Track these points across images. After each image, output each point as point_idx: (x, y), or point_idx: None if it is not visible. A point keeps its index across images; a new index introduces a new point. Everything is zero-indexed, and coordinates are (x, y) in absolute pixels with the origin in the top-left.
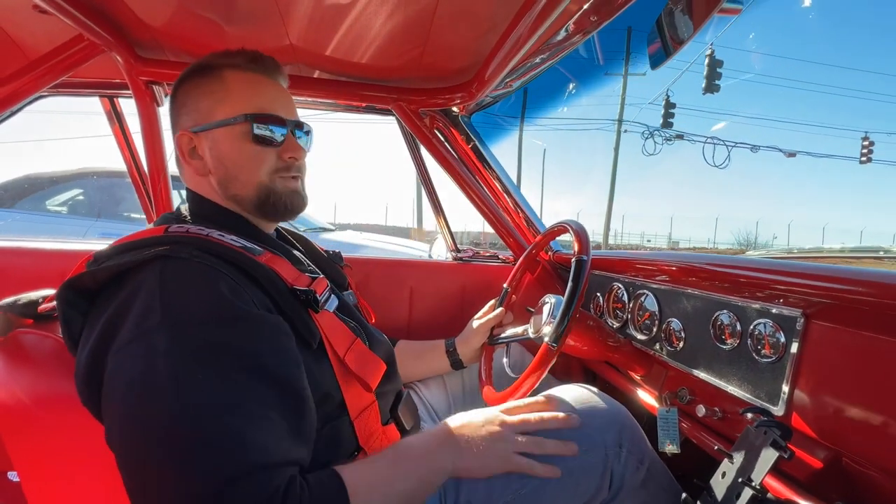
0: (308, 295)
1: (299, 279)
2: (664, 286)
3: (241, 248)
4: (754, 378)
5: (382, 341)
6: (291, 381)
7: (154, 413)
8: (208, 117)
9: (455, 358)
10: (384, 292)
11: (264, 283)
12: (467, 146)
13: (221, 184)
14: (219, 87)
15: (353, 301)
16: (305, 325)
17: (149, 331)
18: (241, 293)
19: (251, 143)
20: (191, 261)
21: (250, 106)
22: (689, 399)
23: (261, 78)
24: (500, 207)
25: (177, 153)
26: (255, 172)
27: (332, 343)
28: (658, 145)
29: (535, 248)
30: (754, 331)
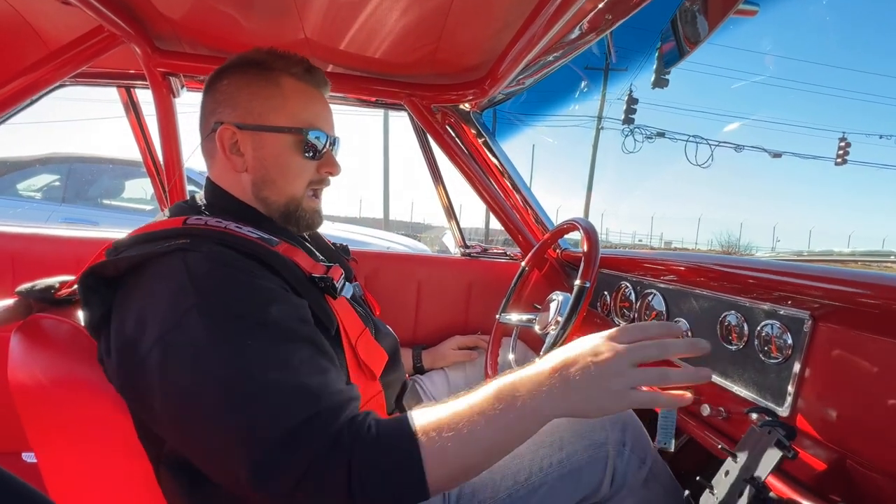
0: (326, 282)
1: (316, 267)
2: (672, 286)
3: (258, 238)
4: (760, 379)
5: (388, 333)
6: (322, 342)
7: (212, 380)
8: (260, 119)
9: (418, 364)
10: (393, 286)
11: (283, 272)
12: (478, 142)
13: (256, 184)
14: (276, 92)
15: (359, 293)
16: (325, 311)
17: (187, 311)
18: (263, 278)
19: (298, 155)
20: (210, 254)
21: (304, 119)
22: (693, 398)
23: (314, 91)
24: (509, 204)
25: (211, 144)
26: (293, 182)
27: (347, 329)
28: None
29: (544, 246)
30: (761, 332)
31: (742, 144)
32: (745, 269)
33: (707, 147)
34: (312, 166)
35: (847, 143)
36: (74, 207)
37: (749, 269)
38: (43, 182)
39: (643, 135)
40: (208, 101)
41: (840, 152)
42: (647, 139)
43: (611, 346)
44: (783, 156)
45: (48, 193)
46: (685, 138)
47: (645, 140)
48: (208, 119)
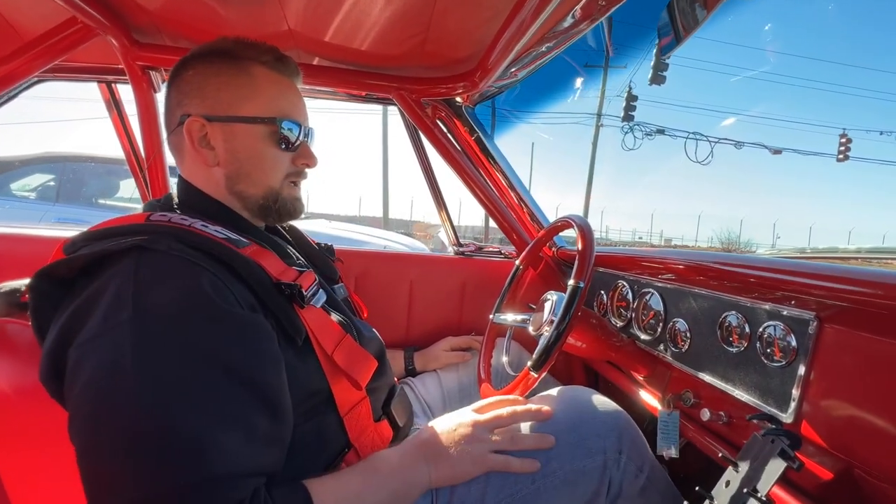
0: (293, 289)
1: (286, 273)
2: (670, 285)
3: (225, 239)
4: (763, 383)
5: (373, 337)
6: (266, 383)
7: (116, 410)
8: (231, 109)
9: (410, 366)
10: (384, 286)
11: (247, 277)
12: (471, 137)
13: (229, 178)
14: (246, 81)
15: (343, 295)
16: (290, 320)
17: (117, 325)
18: (221, 289)
19: (272, 146)
20: (169, 253)
21: (277, 108)
22: (693, 402)
23: (286, 80)
24: (503, 201)
25: (179, 138)
26: (269, 175)
27: (320, 339)
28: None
29: (538, 244)
30: (763, 333)
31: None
32: (746, 268)
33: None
34: (287, 158)
35: (848, 139)
36: (68, 207)
37: (750, 267)
38: (38, 182)
39: (643, 132)
40: (173, 93)
41: (841, 148)
42: (646, 136)
43: (470, 418)
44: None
45: (42, 193)
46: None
47: (644, 137)
48: (174, 112)
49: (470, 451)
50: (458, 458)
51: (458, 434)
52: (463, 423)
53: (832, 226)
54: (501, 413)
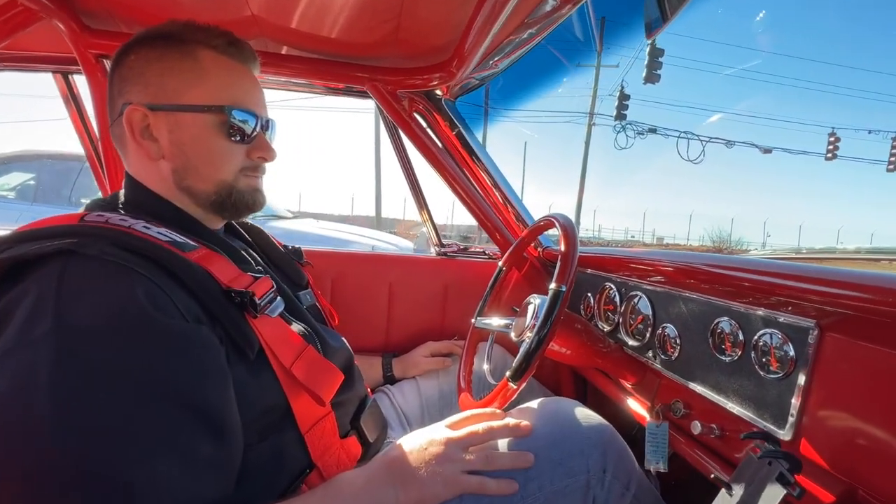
0: (245, 297)
1: (238, 279)
2: (659, 288)
3: (169, 242)
4: (758, 395)
5: (340, 347)
6: (208, 402)
7: (25, 439)
8: (175, 97)
9: (388, 373)
10: (362, 288)
11: (192, 285)
12: (451, 133)
13: (176, 173)
14: (192, 66)
15: (310, 302)
16: (241, 332)
17: (34, 339)
18: (160, 298)
19: (222, 137)
20: (100, 258)
21: (227, 96)
22: (683, 413)
23: (239, 66)
24: (486, 200)
25: (120, 129)
26: (219, 168)
27: (276, 352)
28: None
29: (522, 244)
30: (759, 342)
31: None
32: (740, 271)
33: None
34: (241, 150)
35: (837, 137)
36: (47, 207)
37: (744, 270)
38: (17, 181)
39: (635, 131)
40: (115, 79)
41: (830, 147)
42: (638, 135)
43: (443, 435)
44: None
45: (22, 192)
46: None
47: (637, 136)
48: (115, 101)
49: (442, 471)
50: (428, 479)
51: (430, 453)
52: (435, 440)
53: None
54: (477, 429)
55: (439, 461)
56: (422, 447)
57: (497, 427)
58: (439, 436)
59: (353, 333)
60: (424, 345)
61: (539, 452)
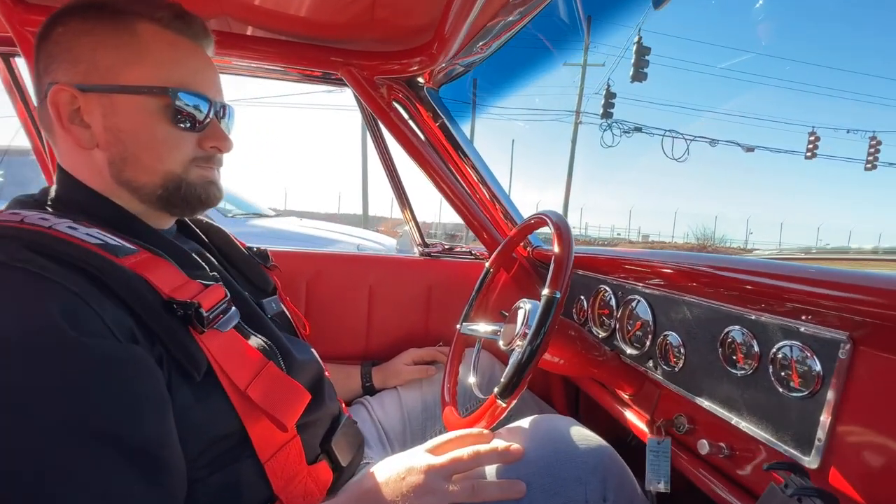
0: (189, 309)
1: (183, 288)
2: (659, 291)
3: (99, 246)
4: (776, 415)
5: (308, 360)
6: (140, 434)
7: None
8: (109, 76)
9: (368, 383)
10: (339, 291)
11: (125, 296)
12: (434, 124)
13: (114, 164)
14: (129, 40)
15: (276, 310)
16: (185, 350)
17: None
18: (82, 314)
19: (167, 123)
20: (10, 265)
21: (172, 76)
22: (687, 428)
23: (187, 42)
24: (472, 197)
25: (46, 113)
26: (165, 159)
27: (228, 371)
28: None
29: (510, 244)
30: (777, 354)
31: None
32: (753, 274)
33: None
34: (191, 139)
35: (816, 137)
36: None
37: (757, 273)
38: None
39: (621, 129)
40: (41, 56)
41: (810, 146)
42: (624, 134)
43: (423, 462)
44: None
45: None
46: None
47: (623, 134)
48: (41, 81)
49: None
50: None
51: (408, 484)
52: (414, 468)
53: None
54: (461, 455)
55: (418, 493)
56: (399, 476)
57: (484, 452)
58: (419, 463)
59: (330, 340)
60: (406, 352)
61: (531, 480)
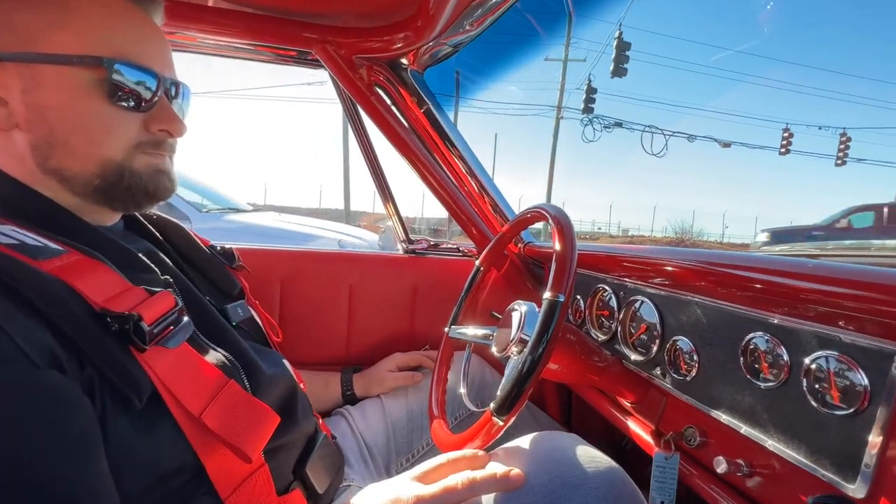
0: (124, 322)
1: (121, 296)
2: (666, 291)
3: (13, 247)
4: (811, 434)
5: (279, 374)
6: (61, 478)
7: None
8: (29, 42)
9: (349, 392)
10: (316, 292)
11: (42, 307)
12: (419, 110)
13: (38, 149)
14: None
15: (243, 315)
16: (122, 371)
17: None
18: None
19: (103, 101)
20: None
21: (108, 45)
22: (698, 442)
23: (128, 6)
24: (459, 189)
25: None
26: (101, 143)
27: (178, 394)
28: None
29: (503, 241)
30: (811, 366)
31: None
32: (776, 274)
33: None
34: (136, 121)
35: (790, 133)
36: None
37: (782, 273)
38: None
39: (602, 124)
40: None
41: (784, 142)
42: (605, 129)
43: (411, 493)
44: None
45: None
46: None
47: (603, 129)
48: None
49: None
50: None
51: None
52: (400, 499)
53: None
54: (454, 484)
55: None
56: None
57: (481, 479)
58: (406, 493)
59: (307, 346)
60: (390, 357)
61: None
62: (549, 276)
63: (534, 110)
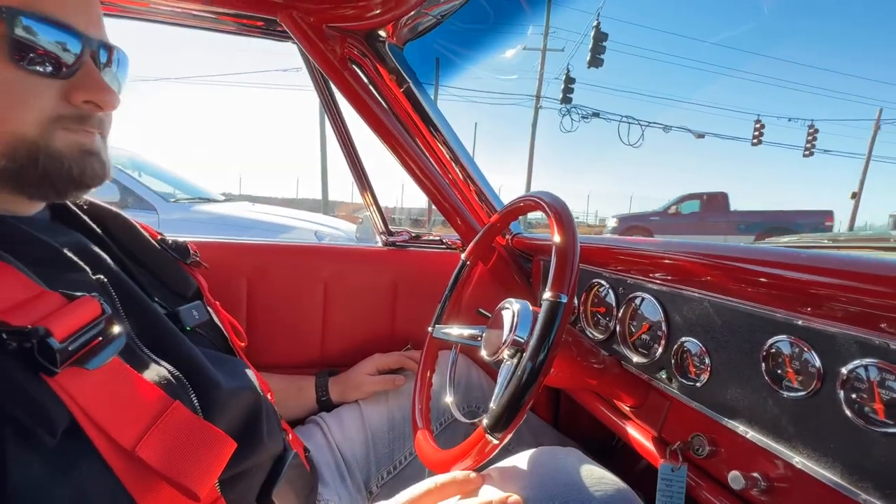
0: (25, 340)
1: (27, 305)
2: (671, 288)
3: None
4: (851, 453)
5: (238, 389)
6: None
7: None
8: None
9: (324, 397)
10: (287, 289)
11: None
12: (398, 89)
13: None
14: None
15: (199, 319)
16: (24, 400)
17: None
18: None
19: (5, 63)
20: None
21: None
22: (708, 451)
23: None
24: (443, 177)
25: None
26: (7, 116)
27: (104, 424)
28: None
29: (492, 232)
30: (850, 375)
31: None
32: (799, 269)
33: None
34: (52, 90)
35: (762, 124)
36: None
37: (806, 269)
38: None
39: (580, 115)
40: None
41: (756, 133)
42: (583, 119)
43: None
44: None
45: None
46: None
47: (581, 120)
48: None
49: None
50: None
51: None
52: None
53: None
54: None
55: None
56: None
57: None
58: None
59: (278, 348)
60: (369, 358)
61: None
62: (549, 273)
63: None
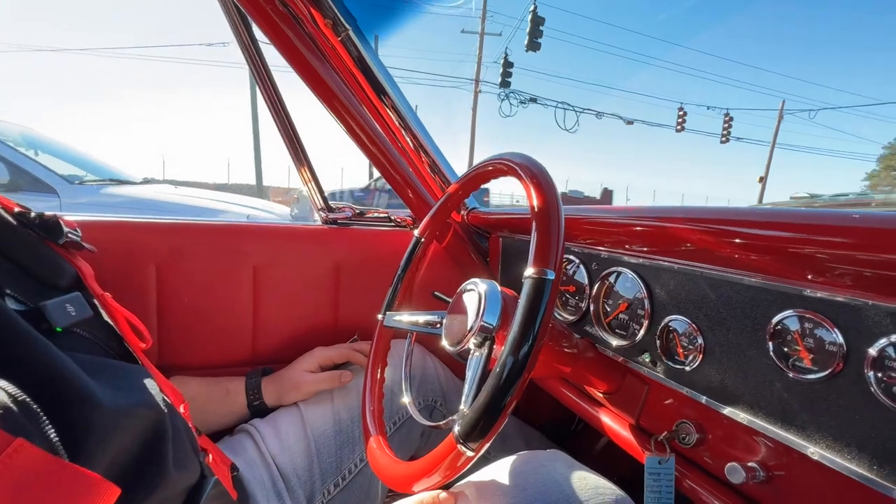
0: None
1: None
2: (651, 260)
3: None
4: (885, 443)
5: (129, 408)
6: None
7: None
8: None
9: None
10: (209, 276)
11: None
12: (335, 38)
13: None
14: None
15: (77, 316)
16: None
17: None
18: None
19: None
20: None
21: None
22: (695, 439)
23: None
24: (392, 144)
25: None
26: None
27: None
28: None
29: (448, 205)
30: (883, 356)
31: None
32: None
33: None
34: None
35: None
36: None
37: (821, 229)
38: None
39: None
40: None
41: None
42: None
43: None
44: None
45: None
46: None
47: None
48: None
49: None
50: None
51: None
52: None
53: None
54: None
55: None
56: None
57: None
58: None
59: (198, 345)
60: (309, 353)
61: None
62: (531, 245)
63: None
